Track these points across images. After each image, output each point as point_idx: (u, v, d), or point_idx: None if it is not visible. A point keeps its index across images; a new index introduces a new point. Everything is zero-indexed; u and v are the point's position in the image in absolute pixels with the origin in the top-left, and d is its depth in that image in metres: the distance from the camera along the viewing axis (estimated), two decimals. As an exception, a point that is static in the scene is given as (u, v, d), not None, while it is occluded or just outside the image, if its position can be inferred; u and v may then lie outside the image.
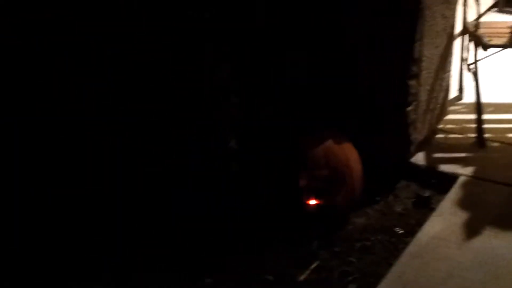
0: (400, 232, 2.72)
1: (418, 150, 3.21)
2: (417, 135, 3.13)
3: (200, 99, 2.36)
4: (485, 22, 3.61)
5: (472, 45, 3.49)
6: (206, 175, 2.47)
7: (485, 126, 3.28)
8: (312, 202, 2.67)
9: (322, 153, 2.64)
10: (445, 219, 2.64)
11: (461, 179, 2.94)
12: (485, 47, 3.18)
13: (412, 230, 2.69)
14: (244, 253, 2.56)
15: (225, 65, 2.40)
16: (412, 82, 2.90)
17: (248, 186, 2.64)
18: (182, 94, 2.31)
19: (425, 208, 2.87)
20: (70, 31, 2.02)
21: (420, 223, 2.70)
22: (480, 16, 3.36)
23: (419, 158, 3.17)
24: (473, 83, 3.35)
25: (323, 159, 2.62)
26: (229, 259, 2.53)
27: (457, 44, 3.52)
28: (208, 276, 2.43)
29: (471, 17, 3.54)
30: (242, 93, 2.51)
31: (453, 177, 2.97)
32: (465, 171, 3.00)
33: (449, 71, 3.38)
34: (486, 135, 3.27)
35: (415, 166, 3.14)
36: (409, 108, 2.95)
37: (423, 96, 3.07)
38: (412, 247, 2.49)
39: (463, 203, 2.75)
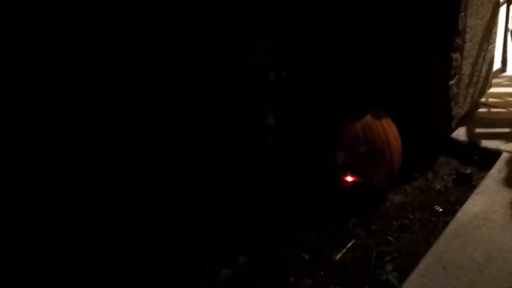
0: (440, 210, 2.64)
1: (459, 125, 3.11)
2: (459, 110, 3.02)
3: (237, 75, 2.29)
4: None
5: (518, 15, 3.34)
6: (243, 151, 2.41)
7: (531, 100, 3.16)
8: (349, 179, 2.61)
9: (360, 129, 2.56)
10: (487, 197, 2.55)
11: (504, 156, 2.83)
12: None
13: (452, 209, 2.61)
14: (279, 231, 2.52)
15: (265, 41, 2.31)
16: (455, 55, 2.78)
17: (284, 163, 2.58)
18: (219, 71, 2.23)
19: (466, 185, 2.78)
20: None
21: (460, 201, 2.62)
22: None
23: (460, 133, 3.07)
24: (519, 55, 3.22)
25: (361, 135, 2.55)
26: (264, 237, 2.49)
27: (501, 13, 3.37)
28: (242, 254, 2.39)
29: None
30: (283, 68, 2.43)
31: (496, 154, 2.87)
32: (508, 147, 2.89)
33: (493, 42, 3.24)
34: (531, 110, 3.15)
35: (456, 142, 3.04)
36: (452, 82, 2.83)
37: (466, 69, 2.95)
38: (453, 227, 2.41)
39: (506, 181, 2.64)
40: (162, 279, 2.30)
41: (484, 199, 2.54)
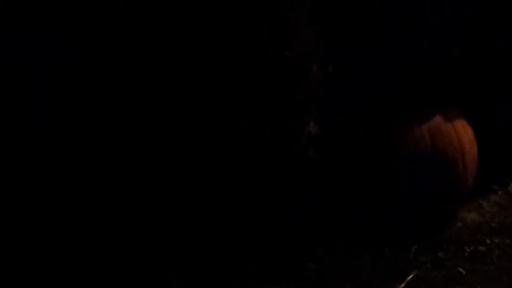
0: (526, 234, 2.21)
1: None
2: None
3: (273, 69, 2.09)
4: None
5: None
6: (277, 164, 2.18)
7: None
8: (412, 193, 2.19)
9: (427, 133, 2.15)
10: None
11: None
12: None
13: (542, 233, 2.18)
14: (324, 259, 2.14)
15: (310, 27, 2.09)
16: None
17: (329, 178, 2.23)
18: (251, 62, 2.06)
19: (559, 201, 2.33)
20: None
21: (554, 223, 2.19)
22: None
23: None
24: None
25: (428, 141, 2.15)
26: (303, 263, 2.11)
27: None
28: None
29: None
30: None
31: None
32: None
33: None
34: None
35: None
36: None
37: None
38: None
39: None
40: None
41: None
